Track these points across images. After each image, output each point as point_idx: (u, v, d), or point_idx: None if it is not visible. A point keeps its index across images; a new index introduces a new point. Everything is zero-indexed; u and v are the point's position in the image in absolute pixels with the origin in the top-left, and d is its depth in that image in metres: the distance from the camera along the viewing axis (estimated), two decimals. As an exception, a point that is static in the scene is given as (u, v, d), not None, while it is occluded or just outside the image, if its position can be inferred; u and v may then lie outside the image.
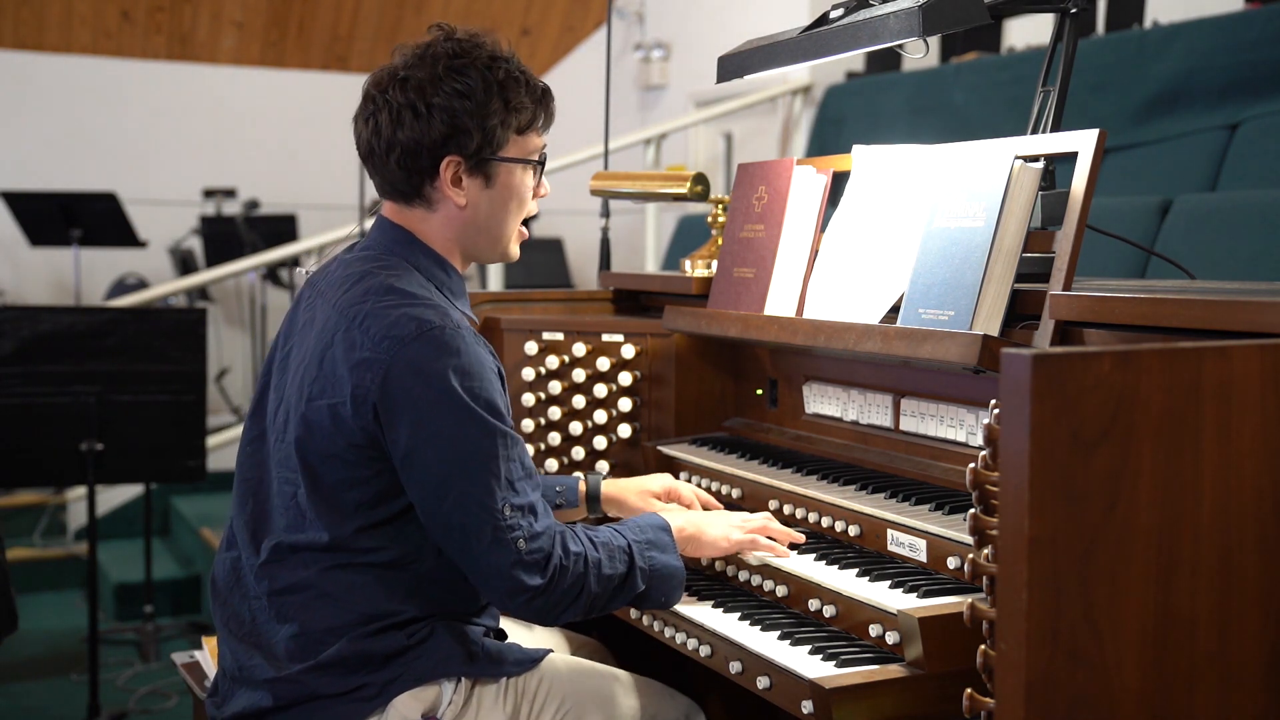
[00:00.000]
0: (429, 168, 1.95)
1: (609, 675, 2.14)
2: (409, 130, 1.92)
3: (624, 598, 1.98)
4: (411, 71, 1.93)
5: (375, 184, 2.03)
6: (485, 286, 7.23)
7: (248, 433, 2.07)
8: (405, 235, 2.01)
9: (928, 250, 2.04)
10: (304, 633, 1.91)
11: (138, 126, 8.86)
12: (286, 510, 1.95)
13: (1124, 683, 1.38)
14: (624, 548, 1.99)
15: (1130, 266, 3.84)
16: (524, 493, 1.89)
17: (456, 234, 2.01)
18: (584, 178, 3.28)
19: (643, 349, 2.67)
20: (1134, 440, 1.37)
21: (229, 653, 2.00)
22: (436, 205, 1.99)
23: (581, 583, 1.91)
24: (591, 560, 1.94)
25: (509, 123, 1.96)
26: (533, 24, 9.61)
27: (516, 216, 2.05)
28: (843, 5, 2.27)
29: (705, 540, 2.11)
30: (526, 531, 1.86)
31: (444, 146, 1.93)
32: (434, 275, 2.00)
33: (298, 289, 2.13)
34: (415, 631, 1.92)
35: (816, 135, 6.77)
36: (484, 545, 1.84)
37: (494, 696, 1.98)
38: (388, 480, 1.88)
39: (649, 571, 1.99)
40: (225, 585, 2.02)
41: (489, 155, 1.96)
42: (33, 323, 4.30)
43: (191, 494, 6.41)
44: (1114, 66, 4.93)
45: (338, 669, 1.89)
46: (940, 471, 2.13)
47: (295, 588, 1.92)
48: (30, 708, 4.49)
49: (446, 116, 1.92)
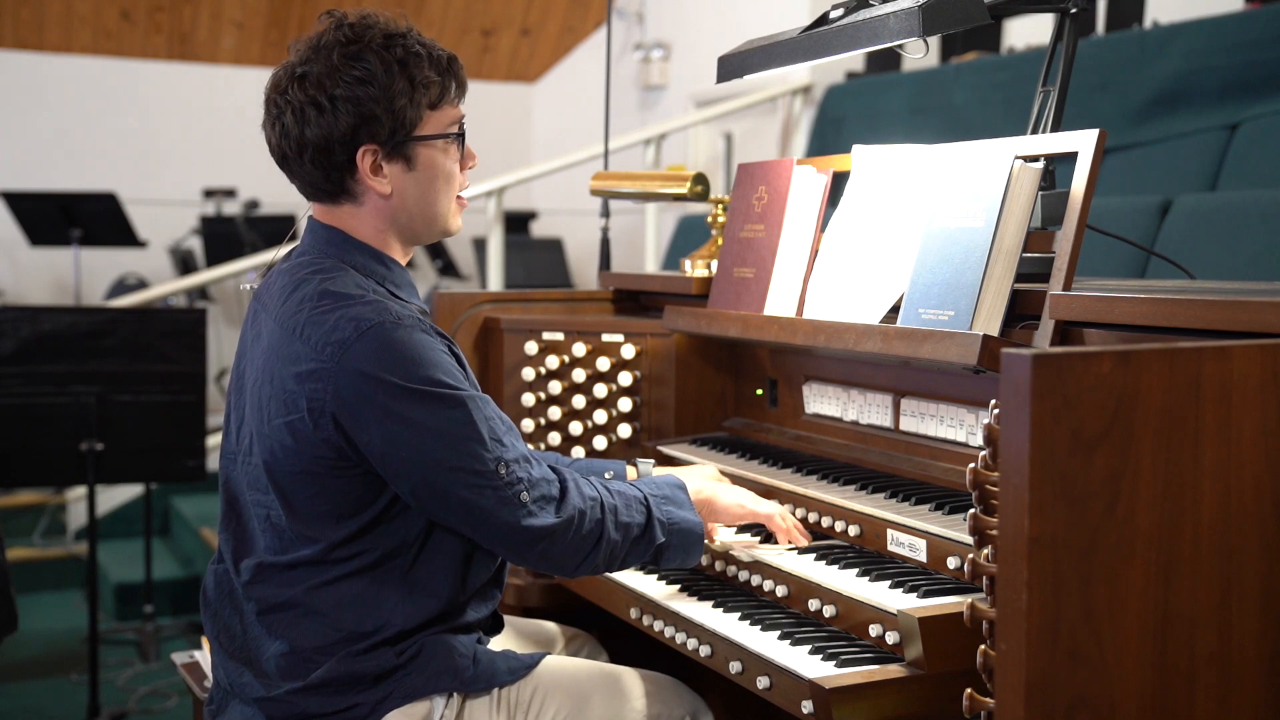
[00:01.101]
0: (345, 162, 1.89)
1: (609, 675, 2.10)
2: (316, 127, 1.86)
3: (644, 549, 1.98)
4: (308, 67, 1.87)
5: (297, 187, 1.98)
6: (485, 287, 7.23)
7: (222, 449, 2.03)
8: (337, 235, 1.96)
9: (928, 250, 2.04)
10: (293, 651, 1.89)
11: (138, 126, 8.86)
12: (264, 532, 1.92)
13: (1124, 683, 1.39)
14: (640, 499, 1.99)
15: (1130, 266, 3.84)
16: (512, 445, 1.87)
17: (389, 223, 1.96)
18: (584, 178, 3.29)
19: (643, 349, 2.67)
20: (1134, 440, 1.37)
21: (220, 666, 1.98)
22: (362, 198, 1.94)
23: (600, 529, 1.91)
24: (608, 505, 1.94)
25: (418, 100, 1.89)
26: (533, 24, 9.61)
27: (448, 193, 1.98)
28: (843, 5, 2.27)
29: (719, 507, 2.12)
30: (527, 481, 1.86)
31: (355, 138, 1.87)
32: (373, 271, 1.95)
33: (245, 304, 2.11)
34: (405, 649, 1.90)
35: (816, 135, 6.77)
36: (489, 511, 1.83)
37: (486, 709, 1.96)
38: (362, 486, 1.86)
39: (668, 525, 1.99)
40: (215, 597, 2.00)
41: (404, 138, 1.90)
42: (33, 323, 4.30)
43: (191, 494, 6.41)
44: (1114, 66, 4.93)
45: (328, 689, 1.87)
46: (940, 471, 2.13)
47: (283, 605, 1.90)
48: (30, 708, 4.49)
49: (351, 106, 1.85)
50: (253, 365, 1.95)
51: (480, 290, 4.47)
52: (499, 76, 9.83)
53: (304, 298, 1.88)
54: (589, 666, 2.11)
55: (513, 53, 9.87)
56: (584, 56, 9.63)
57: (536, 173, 6.92)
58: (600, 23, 9.46)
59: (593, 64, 9.20)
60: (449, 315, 2.82)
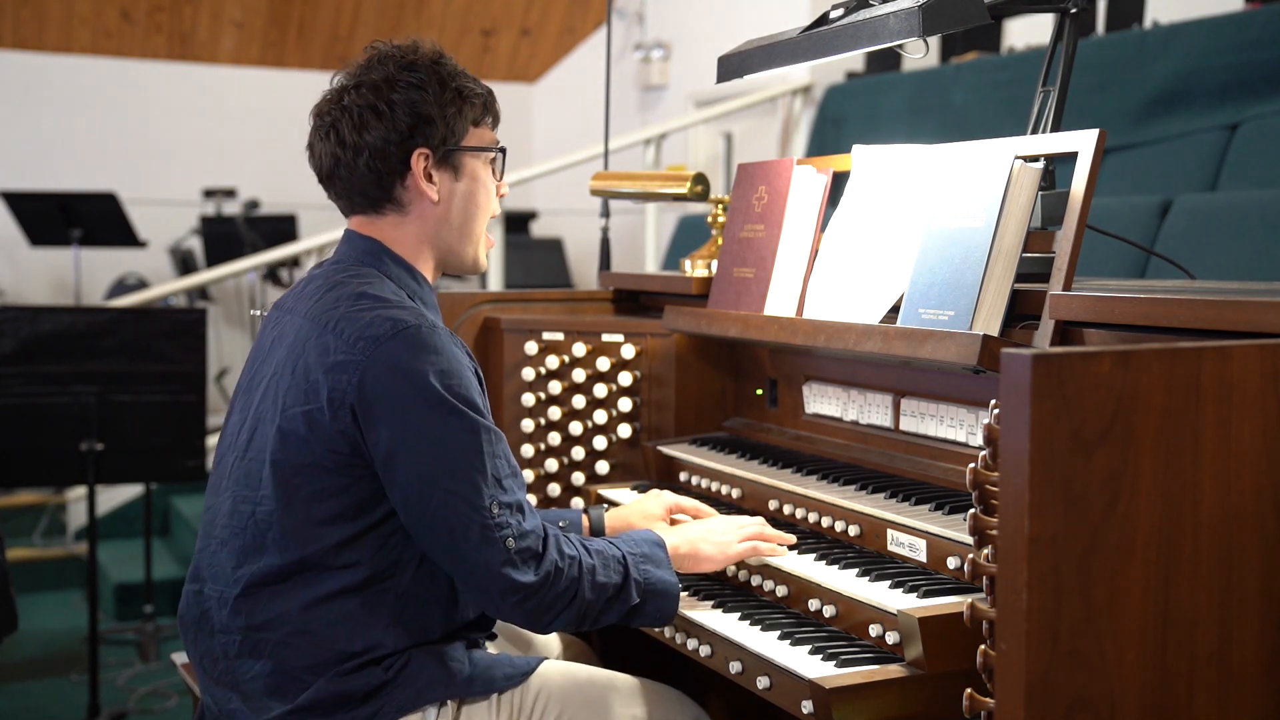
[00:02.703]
0: (399, 167, 1.96)
1: (610, 682, 2.08)
2: (375, 130, 1.94)
3: (618, 609, 1.95)
4: (363, 77, 1.96)
5: (341, 205, 2.03)
6: (485, 287, 7.23)
7: (214, 460, 2.03)
8: (375, 245, 2.00)
9: (927, 250, 2.04)
10: (280, 670, 1.86)
11: (138, 126, 8.86)
12: (243, 531, 1.89)
13: (1124, 683, 1.39)
14: (619, 558, 1.96)
15: (1130, 266, 3.84)
16: (511, 490, 1.86)
17: (431, 235, 2.01)
18: (584, 178, 3.29)
19: (643, 349, 2.67)
20: (1134, 440, 1.37)
21: (206, 691, 1.95)
22: (409, 207, 1.99)
23: (575, 587, 1.88)
24: (586, 565, 1.91)
25: (465, 113, 1.99)
26: (533, 24, 9.61)
27: (486, 213, 2.06)
28: (843, 5, 2.27)
29: (703, 557, 2.08)
30: (515, 530, 1.83)
31: (411, 139, 1.95)
32: (405, 284, 1.98)
33: (257, 327, 2.12)
34: (392, 664, 1.88)
35: (816, 135, 6.77)
36: (472, 545, 1.81)
37: (485, 714, 1.94)
38: (366, 488, 1.85)
39: (644, 585, 1.96)
40: (192, 620, 1.96)
41: (454, 146, 1.98)
42: (33, 323, 4.30)
43: (191, 494, 6.40)
44: (1114, 66, 4.93)
45: (317, 710, 1.85)
46: (940, 471, 2.13)
47: (271, 624, 1.87)
48: (30, 708, 4.49)
49: (408, 109, 1.94)
50: (270, 362, 1.96)
51: (480, 290, 4.47)
52: (499, 76, 9.82)
53: (340, 297, 1.91)
54: (590, 672, 2.09)
55: (513, 53, 9.87)
56: (584, 56, 9.64)
57: (536, 173, 6.92)
58: (600, 23, 9.46)
59: (593, 64, 9.20)
60: (449, 315, 2.82)
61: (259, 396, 1.94)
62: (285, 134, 9.23)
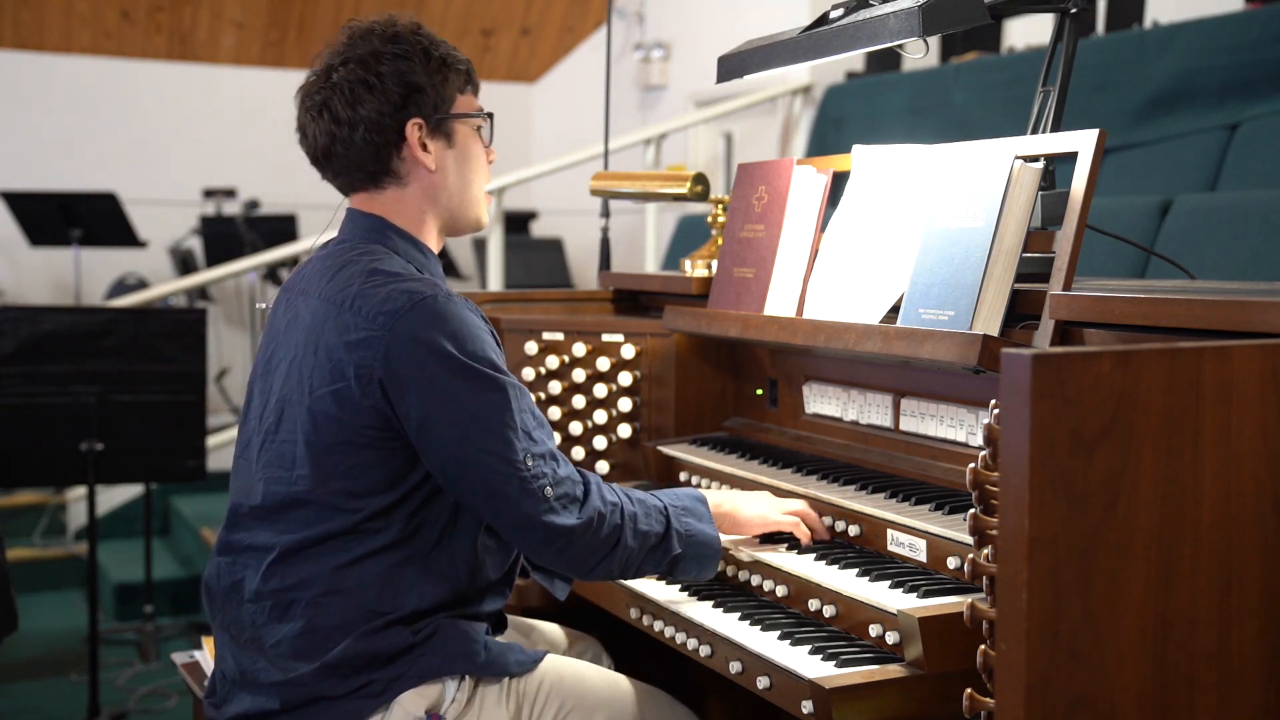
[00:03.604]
0: (395, 138, 1.99)
1: (610, 681, 2.12)
2: (368, 104, 1.97)
3: (659, 559, 2.00)
4: (349, 53, 2.00)
5: (339, 183, 2.07)
6: (485, 287, 7.23)
7: (238, 444, 2.07)
8: (378, 221, 2.04)
9: (927, 250, 2.04)
10: (309, 630, 1.90)
11: (138, 126, 8.85)
12: (278, 509, 1.94)
13: (1124, 683, 1.39)
14: (660, 508, 2.02)
15: (1130, 266, 3.84)
16: (541, 441, 1.92)
17: (431, 204, 2.05)
18: (584, 178, 3.29)
19: (643, 349, 2.67)
20: (1134, 440, 1.37)
21: (229, 657, 1.98)
22: (407, 178, 2.03)
23: (618, 534, 1.94)
24: (628, 513, 1.96)
25: (451, 80, 2.03)
26: (533, 24, 9.61)
27: (481, 176, 2.10)
28: (843, 5, 2.27)
29: (741, 520, 2.13)
30: (551, 477, 1.90)
31: (404, 109, 1.98)
32: (413, 258, 2.02)
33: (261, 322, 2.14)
34: (421, 629, 1.92)
35: (816, 135, 6.77)
36: (512, 499, 1.87)
37: (496, 696, 1.98)
38: (400, 459, 1.90)
39: (685, 536, 2.02)
40: (220, 591, 2.00)
41: (445, 114, 2.02)
42: (33, 323, 4.30)
43: (191, 494, 6.40)
44: (1114, 66, 4.93)
45: (344, 669, 1.89)
46: (940, 471, 2.13)
47: (303, 584, 1.91)
48: (30, 708, 4.49)
49: (398, 79, 1.98)
50: (288, 343, 1.98)
51: (480, 290, 4.47)
52: (499, 76, 9.82)
53: (352, 275, 1.94)
54: (591, 670, 2.13)
55: (513, 53, 9.87)
56: (584, 56, 9.63)
57: (536, 173, 6.92)
58: (600, 23, 9.45)
59: (593, 64, 9.20)
60: (449, 315, 2.81)
61: (280, 379, 1.98)
62: (285, 134, 9.14)
